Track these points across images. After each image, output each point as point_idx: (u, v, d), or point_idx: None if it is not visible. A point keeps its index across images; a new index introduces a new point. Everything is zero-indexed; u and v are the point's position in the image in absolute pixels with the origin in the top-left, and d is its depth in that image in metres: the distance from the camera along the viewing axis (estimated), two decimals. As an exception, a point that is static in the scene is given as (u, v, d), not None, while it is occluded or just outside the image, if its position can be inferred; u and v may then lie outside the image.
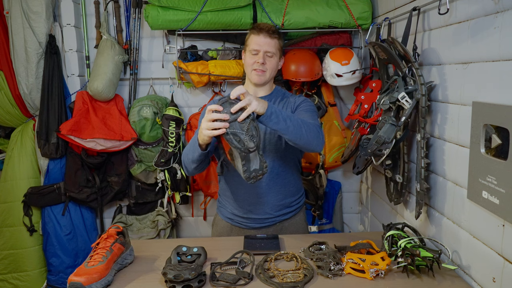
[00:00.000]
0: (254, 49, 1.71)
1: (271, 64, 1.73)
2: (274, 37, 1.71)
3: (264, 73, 1.72)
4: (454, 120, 1.46)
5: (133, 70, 2.63)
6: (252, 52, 1.72)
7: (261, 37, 1.70)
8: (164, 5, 2.36)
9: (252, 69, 1.72)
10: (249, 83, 1.79)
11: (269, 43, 1.70)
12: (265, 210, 1.78)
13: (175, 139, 2.47)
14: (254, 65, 1.71)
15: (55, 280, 2.57)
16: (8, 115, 2.55)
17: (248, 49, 1.75)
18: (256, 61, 1.70)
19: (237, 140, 1.34)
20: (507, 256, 1.16)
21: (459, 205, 1.42)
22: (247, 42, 1.77)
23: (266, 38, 1.70)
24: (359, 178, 2.80)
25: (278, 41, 1.74)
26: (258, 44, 1.70)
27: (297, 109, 1.73)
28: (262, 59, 1.70)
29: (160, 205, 2.70)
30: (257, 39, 1.71)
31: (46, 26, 2.42)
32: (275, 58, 1.74)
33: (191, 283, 1.30)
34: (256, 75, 1.72)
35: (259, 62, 1.69)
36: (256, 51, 1.71)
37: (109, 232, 1.47)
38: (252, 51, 1.72)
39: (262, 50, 1.70)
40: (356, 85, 2.43)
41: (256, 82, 1.74)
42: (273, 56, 1.72)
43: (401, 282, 1.34)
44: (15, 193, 2.53)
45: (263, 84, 1.76)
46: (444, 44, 1.53)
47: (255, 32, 1.72)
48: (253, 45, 1.72)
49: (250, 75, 1.75)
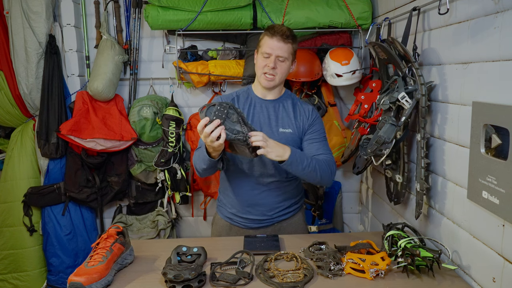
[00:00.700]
0: (266, 52, 1.66)
1: (282, 69, 1.68)
2: (288, 42, 1.65)
3: (274, 78, 1.68)
4: (454, 120, 1.46)
5: (133, 70, 2.63)
6: (264, 55, 1.67)
7: (274, 40, 1.64)
8: (164, 5, 2.36)
9: (262, 72, 1.69)
10: (258, 85, 1.76)
11: (282, 48, 1.65)
12: (264, 212, 1.78)
13: (175, 139, 2.47)
14: (264, 68, 1.67)
15: (55, 280, 2.57)
16: (8, 115, 2.55)
17: (260, 51, 1.70)
18: (267, 64, 1.66)
19: (235, 132, 1.44)
20: (507, 256, 1.16)
21: (459, 205, 1.42)
22: (260, 43, 1.71)
23: (279, 43, 1.64)
24: (359, 178, 2.80)
25: (292, 46, 1.68)
26: (270, 47, 1.65)
27: (311, 128, 1.74)
28: (273, 64, 1.65)
29: (160, 205, 2.70)
30: (270, 42, 1.65)
31: (46, 26, 2.42)
32: (287, 62, 1.68)
33: (191, 283, 1.30)
34: (266, 80, 1.69)
35: (269, 66, 1.65)
36: (268, 54, 1.66)
37: (109, 232, 1.47)
38: (264, 53, 1.67)
39: (274, 54, 1.65)
40: (356, 85, 2.43)
41: (265, 86, 1.71)
42: (285, 61, 1.67)
43: (401, 282, 1.34)
44: (15, 193, 2.53)
45: (272, 88, 1.73)
46: (444, 44, 1.53)
47: (268, 35, 1.66)
48: (266, 48, 1.66)
49: (259, 78, 1.72)
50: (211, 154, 1.54)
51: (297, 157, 1.56)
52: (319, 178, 1.64)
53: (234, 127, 1.45)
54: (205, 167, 1.61)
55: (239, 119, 1.47)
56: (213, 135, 1.41)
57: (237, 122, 1.46)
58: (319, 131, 1.76)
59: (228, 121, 1.44)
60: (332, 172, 1.69)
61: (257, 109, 1.74)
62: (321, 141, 1.74)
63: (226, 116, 1.44)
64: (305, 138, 1.74)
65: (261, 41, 1.70)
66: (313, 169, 1.59)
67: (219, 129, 1.41)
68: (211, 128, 1.41)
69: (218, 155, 1.55)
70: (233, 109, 1.47)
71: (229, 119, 1.45)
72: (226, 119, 1.44)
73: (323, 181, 1.67)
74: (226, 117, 1.44)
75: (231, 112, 1.46)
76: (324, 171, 1.63)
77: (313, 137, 1.73)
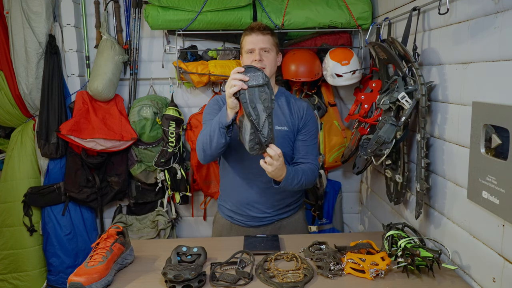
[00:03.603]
0: (249, 48, 1.71)
1: (269, 60, 1.71)
2: (266, 33, 1.71)
3: (264, 70, 1.67)
4: (454, 120, 1.46)
5: (133, 70, 2.63)
6: (247, 52, 1.71)
7: (253, 35, 1.70)
8: (164, 5, 2.36)
9: None
10: None
11: (263, 40, 1.70)
12: (263, 210, 1.78)
13: (175, 139, 2.47)
14: (252, 63, 1.67)
15: (55, 280, 2.57)
16: (8, 115, 2.55)
17: (243, 51, 1.74)
18: (254, 59, 1.69)
19: (252, 106, 1.42)
20: (507, 256, 1.16)
21: (459, 205, 1.42)
22: (241, 45, 1.77)
23: (258, 36, 1.70)
24: (359, 178, 2.80)
25: (272, 37, 1.73)
26: (252, 42, 1.70)
27: (304, 128, 1.76)
28: (259, 56, 1.68)
29: (160, 205, 2.70)
30: (250, 38, 1.71)
31: (46, 26, 2.42)
32: (272, 53, 1.72)
33: (191, 283, 1.30)
34: None
35: (256, 59, 1.68)
36: (251, 50, 1.70)
37: (109, 232, 1.47)
38: (247, 51, 1.71)
39: (257, 48, 1.69)
40: (356, 85, 2.43)
41: None
42: (269, 51, 1.71)
43: (401, 282, 1.34)
44: (15, 193, 2.53)
45: None
46: (444, 44, 1.53)
47: (247, 33, 1.73)
48: (248, 45, 1.71)
49: None
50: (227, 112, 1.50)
51: (289, 180, 1.60)
52: (302, 188, 1.72)
53: (253, 101, 1.42)
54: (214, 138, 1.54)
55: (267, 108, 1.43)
56: (232, 82, 1.42)
57: (261, 103, 1.42)
58: (311, 133, 1.78)
59: (255, 90, 1.42)
60: (315, 178, 1.76)
61: None
62: (311, 144, 1.78)
63: (257, 85, 1.42)
64: (297, 138, 1.77)
65: (242, 42, 1.76)
66: (301, 185, 1.67)
67: (238, 82, 1.41)
68: (237, 77, 1.42)
69: (229, 116, 1.50)
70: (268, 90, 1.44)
71: (258, 90, 1.43)
72: (256, 87, 1.42)
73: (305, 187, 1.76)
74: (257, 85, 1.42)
75: (264, 89, 1.43)
76: (309, 181, 1.72)
77: (304, 139, 1.76)
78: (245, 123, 1.46)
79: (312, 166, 1.74)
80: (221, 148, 1.57)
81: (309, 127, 1.78)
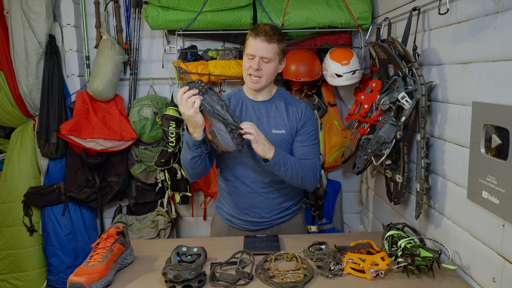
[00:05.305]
0: (250, 53, 1.61)
1: (267, 70, 1.62)
2: (272, 42, 1.59)
3: (260, 79, 1.63)
4: (454, 120, 1.46)
5: (133, 70, 2.64)
6: (248, 56, 1.63)
7: (258, 41, 1.59)
8: (164, 5, 2.36)
9: (247, 74, 1.64)
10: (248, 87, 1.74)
11: (266, 48, 1.59)
12: (262, 214, 1.76)
13: (175, 139, 2.47)
14: (249, 70, 1.63)
15: (55, 280, 2.57)
16: (8, 115, 2.55)
17: (245, 52, 1.66)
18: (251, 66, 1.61)
19: (215, 109, 1.50)
20: (507, 256, 1.16)
21: (459, 205, 1.42)
22: (245, 44, 1.68)
23: (263, 43, 1.59)
24: (359, 178, 2.80)
25: (278, 45, 1.62)
26: (254, 48, 1.60)
27: (303, 129, 1.70)
28: (257, 65, 1.60)
29: (160, 205, 2.70)
30: (254, 43, 1.60)
31: (46, 26, 2.42)
32: (272, 63, 1.62)
33: (191, 283, 1.30)
34: (251, 82, 1.64)
35: (253, 67, 1.60)
36: (252, 55, 1.61)
37: (109, 232, 1.47)
38: (248, 55, 1.63)
39: (258, 56, 1.60)
40: (356, 85, 2.43)
41: (251, 88, 1.67)
42: (269, 61, 1.61)
43: (401, 282, 1.34)
44: (15, 193, 2.53)
45: (260, 90, 1.69)
46: (444, 44, 1.53)
47: (252, 35, 1.62)
48: (250, 49, 1.62)
49: (245, 80, 1.68)
50: (192, 134, 1.53)
51: (281, 158, 1.56)
52: (300, 182, 1.64)
53: (214, 105, 1.50)
54: (191, 157, 1.56)
55: (222, 104, 1.52)
56: (189, 101, 1.45)
57: (217, 104, 1.51)
58: (311, 133, 1.72)
59: (207, 96, 1.50)
60: (316, 178, 1.67)
61: (249, 110, 1.71)
62: (311, 145, 1.71)
63: (206, 91, 1.50)
64: (296, 139, 1.71)
65: (246, 42, 1.66)
66: (296, 173, 1.60)
67: (195, 97, 1.46)
68: (189, 95, 1.46)
69: (200, 135, 1.52)
70: (214, 92, 1.54)
71: (208, 95, 1.50)
72: (206, 94, 1.50)
73: (305, 186, 1.68)
74: (205, 91, 1.49)
75: (212, 92, 1.53)
76: (306, 176, 1.63)
77: (303, 139, 1.70)
78: (218, 129, 1.51)
79: (311, 162, 1.67)
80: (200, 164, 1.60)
81: (307, 128, 1.72)
